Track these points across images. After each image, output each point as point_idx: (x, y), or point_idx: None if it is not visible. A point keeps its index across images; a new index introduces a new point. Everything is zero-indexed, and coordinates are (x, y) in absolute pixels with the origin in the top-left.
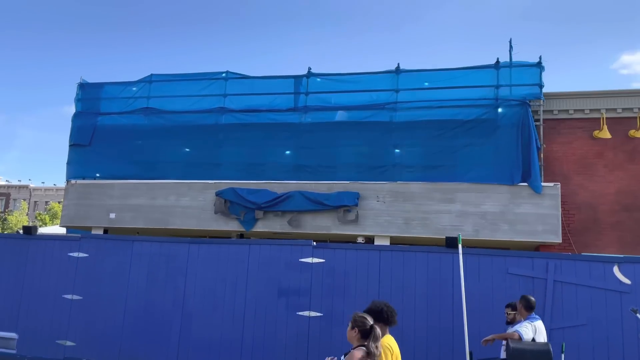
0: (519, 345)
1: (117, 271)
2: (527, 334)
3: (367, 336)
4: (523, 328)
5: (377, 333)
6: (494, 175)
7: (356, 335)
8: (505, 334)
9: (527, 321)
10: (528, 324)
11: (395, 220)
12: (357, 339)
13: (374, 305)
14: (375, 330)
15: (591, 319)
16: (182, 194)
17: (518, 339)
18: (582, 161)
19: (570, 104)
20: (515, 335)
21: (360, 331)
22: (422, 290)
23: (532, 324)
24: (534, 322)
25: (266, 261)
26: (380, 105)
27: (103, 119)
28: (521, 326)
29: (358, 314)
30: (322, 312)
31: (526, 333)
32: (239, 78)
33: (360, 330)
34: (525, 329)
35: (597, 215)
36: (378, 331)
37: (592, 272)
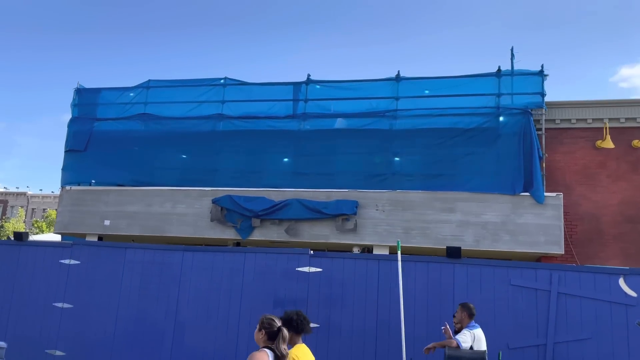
0: (455, 353)
1: (109, 279)
2: (465, 341)
3: (274, 338)
4: (462, 336)
5: (285, 335)
6: (495, 185)
7: (263, 337)
8: (444, 342)
9: (466, 329)
10: (467, 331)
11: (395, 229)
12: (264, 340)
13: (285, 315)
14: (282, 332)
15: (596, 333)
16: (179, 201)
17: (456, 346)
18: (584, 171)
19: (573, 113)
20: (453, 343)
21: (267, 333)
22: (422, 301)
23: (471, 332)
24: (473, 330)
25: (262, 270)
26: (380, 112)
27: (99, 124)
28: (460, 334)
29: (266, 316)
30: (319, 323)
31: (465, 341)
32: (237, 84)
33: (267, 332)
34: (464, 336)
35: (600, 227)
36: (285, 333)
37: (597, 284)
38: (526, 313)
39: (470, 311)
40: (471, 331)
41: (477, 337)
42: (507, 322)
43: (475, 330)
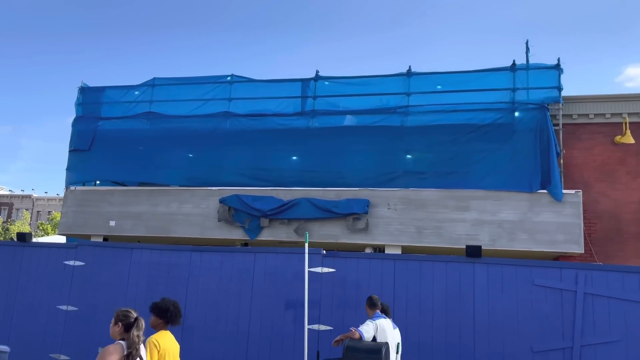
0: (354, 343)
1: (114, 281)
2: (368, 332)
3: (130, 330)
4: (364, 327)
5: (141, 324)
6: (512, 182)
7: (119, 329)
8: (348, 334)
9: (369, 320)
10: (370, 322)
11: (407, 228)
12: (120, 333)
13: (163, 303)
14: (138, 322)
15: (625, 335)
16: (185, 201)
17: (358, 337)
18: (603, 168)
19: (591, 108)
20: (356, 334)
21: (124, 325)
22: (440, 303)
23: (374, 322)
24: (376, 321)
25: (272, 271)
26: (391, 109)
27: (104, 123)
28: (363, 325)
29: (121, 309)
30: (333, 326)
31: (367, 332)
32: (244, 82)
33: (124, 324)
34: (367, 327)
35: (620, 225)
36: (142, 322)
37: (626, 284)
38: (551, 315)
39: (372, 302)
40: (374, 322)
41: (380, 327)
42: (530, 325)
43: (379, 321)
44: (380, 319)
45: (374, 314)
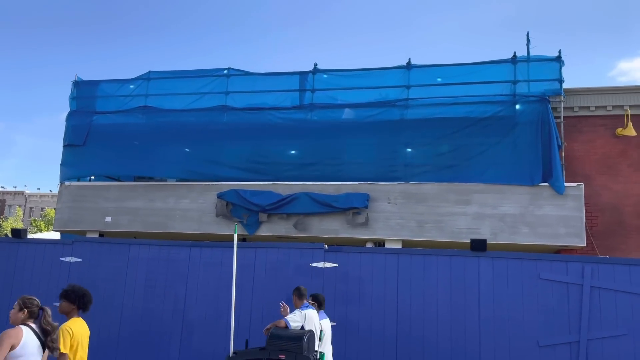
0: (277, 332)
1: (112, 277)
2: (295, 321)
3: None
4: (292, 316)
5: (49, 312)
6: (513, 175)
7: (24, 316)
8: (275, 322)
9: (297, 310)
10: (298, 312)
11: (408, 223)
12: (24, 319)
13: (77, 288)
14: (45, 310)
15: (632, 329)
16: (182, 196)
17: (284, 326)
18: (604, 160)
19: (592, 100)
20: (281, 323)
21: (29, 312)
22: (444, 298)
23: (302, 312)
24: (304, 311)
25: (274, 266)
26: (391, 102)
27: (99, 118)
28: (290, 314)
29: (26, 296)
30: (335, 321)
31: (294, 321)
32: (241, 75)
33: (29, 311)
34: (294, 317)
35: (622, 218)
36: (49, 311)
37: (633, 277)
38: (557, 309)
39: (299, 292)
40: (302, 312)
41: (308, 317)
42: (536, 319)
43: (307, 311)
44: (309, 309)
45: (302, 305)
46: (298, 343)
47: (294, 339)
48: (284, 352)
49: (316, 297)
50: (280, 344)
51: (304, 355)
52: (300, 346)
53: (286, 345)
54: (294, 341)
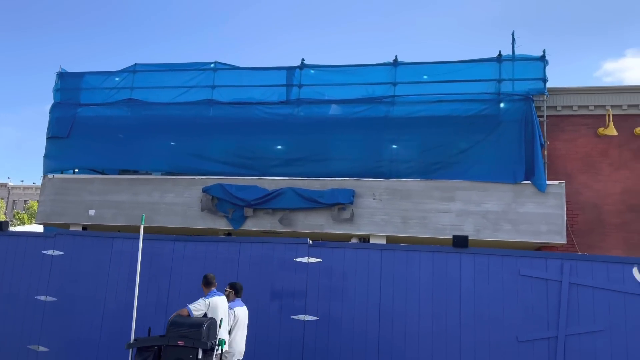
0: (178, 319)
1: (95, 271)
2: (197, 309)
3: None
4: (195, 305)
5: None
6: (496, 173)
7: None
8: (179, 310)
9: (202, 298)
10: (202, 300)
11: (392, 219)
12: None
13: None
14: None
15: (609, 325)
16: (167, 190)
17: (187, 314)
18: (586, 159)
19: (574, 100)
20: (184, 311)
21: None
22: (427, 293)
23: (206, 300)
24: (208, 299)
25: (258, 261)
26: (377, 99)
27: (83, 110)
28: (194, 303)
29: None
30: (319, 316)
31: (197, 309)
32: (228, 69)
33: None
34: (197, 305)
35: (602, 216)
36: None
37: (610, 274)
38: (536, 304)
39: (207, 280)
40: (206, 300)
41: (213, 305)
42: (516, 314)
43: (212, 299)
44: (214, 297)
45: (209, 292)
46: (197, 330)
47: (193, 326)
48: (183, 339)
49: (233, 285)
50: (180, 331)
51: (202, 342)
52: (199, 333)
53: (186, 332)
54: (193, 328)
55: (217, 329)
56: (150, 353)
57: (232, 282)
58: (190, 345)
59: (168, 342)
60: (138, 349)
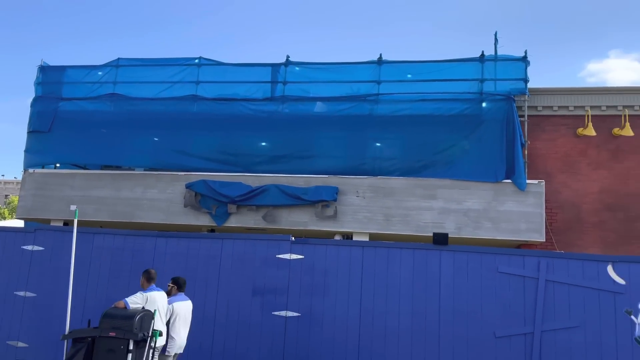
0: (111, 311)
1: (75, 266)
2: (135, 302)
3: None
4: (132, 297)
5: None
6: (478, 172)
7: None
8: (116, 303)
9: (140, 291)
10: (140, 294)
11: (375, 216)
12: None
13: None
14: None
15: (584, 321)
16: (150, 186)
17: (123, 306)
18: (565, 159)
19: (555, 101)
20: (121, 304)
21: None
22: (407, 290)
23: (144, 294)
24: (146, 293)
25: (240, 257)
26: (362, 97)
27: (65, 104)
28: (132, 296)
29: None
30: (300, 312)
31: (134, 302)
32: (213, 65)
33: None
34: (135, 298)
35: (580, 215)
36: None
37: (586, 272)
38: (513, 301)
39: (148, 275)
40: (145, 294)
41: (151, 299)
42: (494, 311)
43: (151, 293)
44: (153, 291)
45: (149, 287)
46: (129, 321)
47: (126, 317)
48: (115, 330)
49: (176, 280)
50: (113, 323)
51: (133, 333)
52: (131, 324)
53: (118, 324)
54: (125, 320)
55: (151, 321)
56: (84, 344)
57: (174, 277)
58: (122, 336)
59: (100, 333)
60: (73, 340)
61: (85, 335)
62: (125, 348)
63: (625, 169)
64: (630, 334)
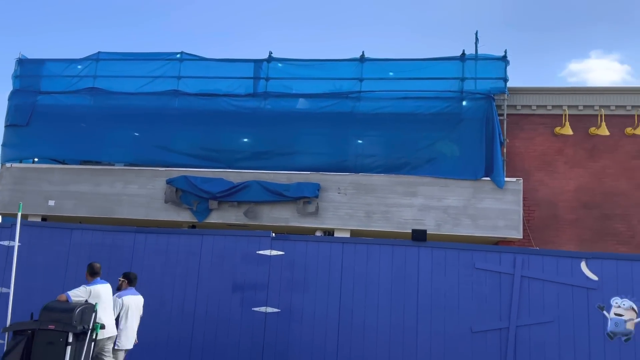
0: (51, 304)
1: (53, 262)
2: (77, 296)
3: None
4: (75, 291)
5: None
6: (457, 170)
7: None
8: (59, 296)
9: (84, 285)
10: (84, 287)
11: (357, 213)
12: None
13: None
14: None
15: (558, 316)
16: (130, 181)
17: (65, 299)
18: (543, 157)
19: (533, 100)
20: (63, 297)
21: None
22: (386, 285)
23: (87, 288)
24: (90, 287)
25: (220, 253)
26: (344, 94)
27: (44, 98)
28: (75, 289)
29: None
30: (280, 308)
31: (76, 295)
32: (195, 60)
33: None
34: (78, 291)
35: (557, 212)
36: None
37: (560, 268)
38: (490, 297)
39: (91, 269)
40: (88, 287)
41: (94, 292)
42: (471, 306)
43: (94, 287)
44: (97, 285)
45: (92, 281)
46: (69, 314)
47: (65, 310)
48: (54, 323)
49: (127, 275)
50: (52, 316)
51: (72, 326)
52: (71, 317)
53: (57, 317)
54: (65, 312)
55: (92, 314)
56: (24, 337)
57: (125, 272)
58: (61, 329)
59: (39, 326)
60: (14, 333)
61: (25, 328)
62: (64, 341)
63: (600, 167)
64: (603, 329)
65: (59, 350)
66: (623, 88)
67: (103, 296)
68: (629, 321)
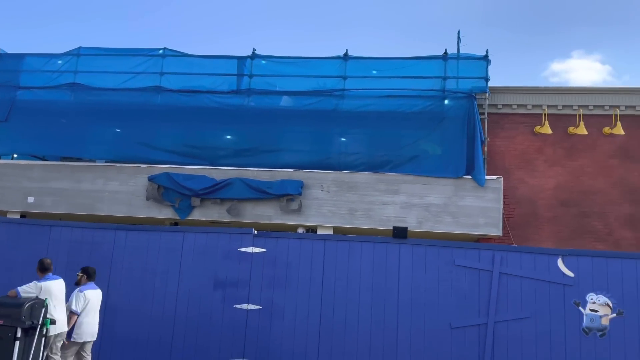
0: (2, 299)
1: (31, 260)
2: (27, 292)
3: None
4: (25, 287)
5: None
6: (439, 168)
7: None
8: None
9: (35, 281)
10: (34, 283)
11: (339, 210)
12: None
13: None
14: None
15: (535, 312)
16: (111, 178)
17: (15, 295)
18: (523, 156)
19: (514, 99)
20: (13, 293)
21: None
22: (367, 282)
23: (38, 284)
24: (41, 283)
25: (202, 250)
26: (327, 92)
27: (23, 93)
28: (25, 285)
29: None
30: (262, 305)
31: (26, 291)
32: (177, 56)
33: None
34: (28, 287)
35: (536, 210)
36: None
37: (537, 265)
38: (469, 293)
39: (41, 265)
40: (39, 283)
41: (45, 288)
42: (450, 302)
43: (45, 283)
44: (48, 281)
45: (43, 276)
46: (18, 309)
47: (14, 306)
48: (2, 318)
49: (86, 270)
50: (1, 311)
51: (21, 321)
52: (19, 312)
53: (6, 312)
54: (13, 308)
55: (42, 310)
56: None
57: (84, 267)
58: (9, 324)
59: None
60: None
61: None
62: (13, 336)
63: (579, 166)
64: (578, 325)
65: (7, 345)
66: (601, 88)
67: (54, 292)
68: (604, 317)
